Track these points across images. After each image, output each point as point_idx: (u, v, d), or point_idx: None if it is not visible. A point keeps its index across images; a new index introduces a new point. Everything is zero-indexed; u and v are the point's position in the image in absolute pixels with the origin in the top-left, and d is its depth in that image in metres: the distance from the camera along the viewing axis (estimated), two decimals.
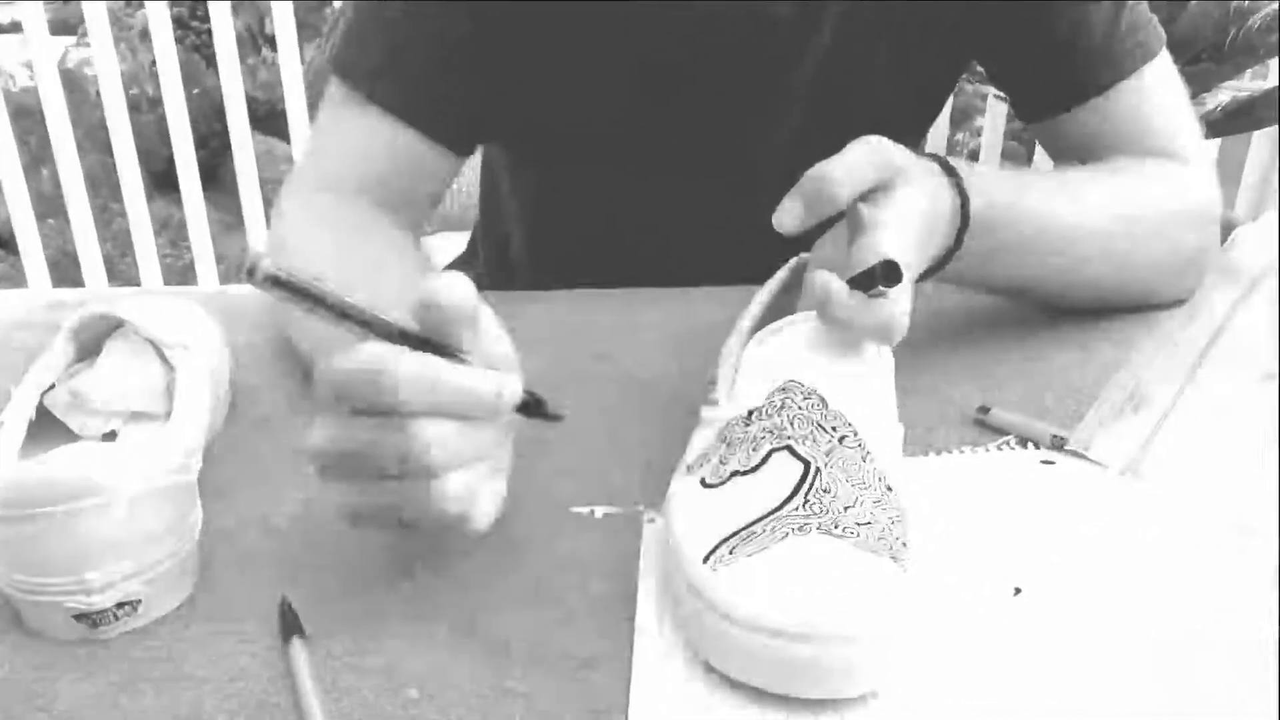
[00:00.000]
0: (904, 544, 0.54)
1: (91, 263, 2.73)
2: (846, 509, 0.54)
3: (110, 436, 0.65)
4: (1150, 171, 0.92)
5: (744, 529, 0.54)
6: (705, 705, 0.50)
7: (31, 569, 0.53)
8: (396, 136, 0.91)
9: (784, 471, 0.57)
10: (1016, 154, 3.21)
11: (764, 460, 0.57)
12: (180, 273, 3.59)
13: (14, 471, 0.53)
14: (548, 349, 0.82)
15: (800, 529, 0.53)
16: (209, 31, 2.58)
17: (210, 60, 2.77)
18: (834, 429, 0.59)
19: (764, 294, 0.73)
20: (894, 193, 0.66)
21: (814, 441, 0.58)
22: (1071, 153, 0.96)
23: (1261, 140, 2.68)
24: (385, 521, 0.55)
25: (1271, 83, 2.43)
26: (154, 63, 2.58)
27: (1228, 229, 0.82)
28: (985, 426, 0.74)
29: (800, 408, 0.59)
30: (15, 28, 2.89)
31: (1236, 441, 0.69)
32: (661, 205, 0.78)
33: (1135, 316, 0.89)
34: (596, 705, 0.51)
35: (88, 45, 2.79)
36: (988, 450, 0.71)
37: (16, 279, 2.74)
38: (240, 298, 0.96)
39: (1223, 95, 2.32)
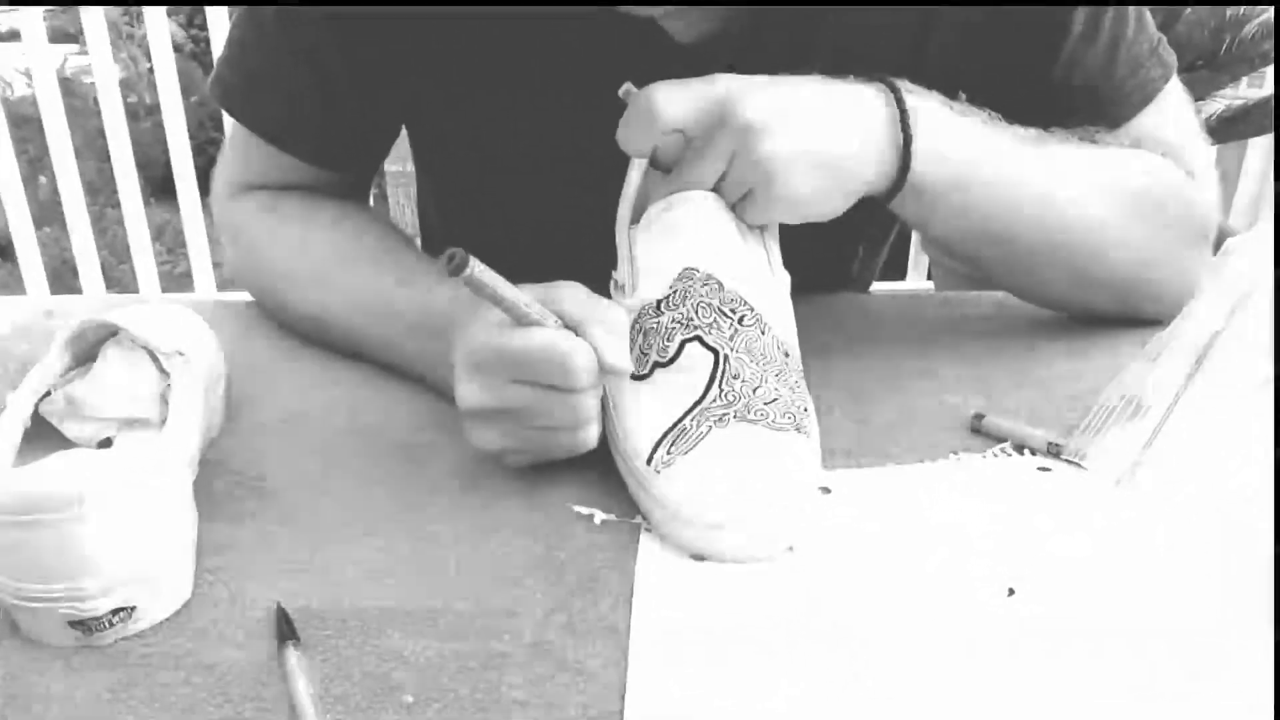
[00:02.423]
0: (805, 409, 0.68)
1: (89, 270, 2.73)
2: (755, 390, 0.66)
3: (106, 444, 0.65)
4: (1145, 156, 0.86)
5: (674, 426, 0.65)
6: (700, 711, 0.50)
7: (27, 576, 0.53)
8: (282, 159, 0.92)
9: (698, 362, 0.67)
10: None
11: (679, 351, 0.67)
12: (178, 280, 3.59)
13: (10, 478, 0.53)
14: None
15: (720, 420, 0.64)
16: (207, 40, 2.58)
17: (208, 69, 2.77)
18: (733, 311, 0.68)
19: (633, 178, 0.72)
20: None
21: (718, 329, 0.67)
22: None
23: (1256, 148, 2.69)
24: (529, 454, 0.69)
25: (1266, 90, 2.43)
26: (152, 70, 2.57)
27: (1222, 238, 0.82)
28: (981, 433, 0.74)
29: (701, 295, 0.68)
30: (14, 36, 2.89)
31: (1232, 449, 0.69)
32: (572, 228, 0.77)
33: (1131, 325, 0.89)
34: (592, 711, 0.51)
35: (86, 53, 2.78)
36: (983, 456, 0.72)
37: (14, 286, 2.74)
38: (237, 305, 0.96)
39: (1218, 103, 2.32)
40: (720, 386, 0.66)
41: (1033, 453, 0.72)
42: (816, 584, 0.59)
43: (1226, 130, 2.30)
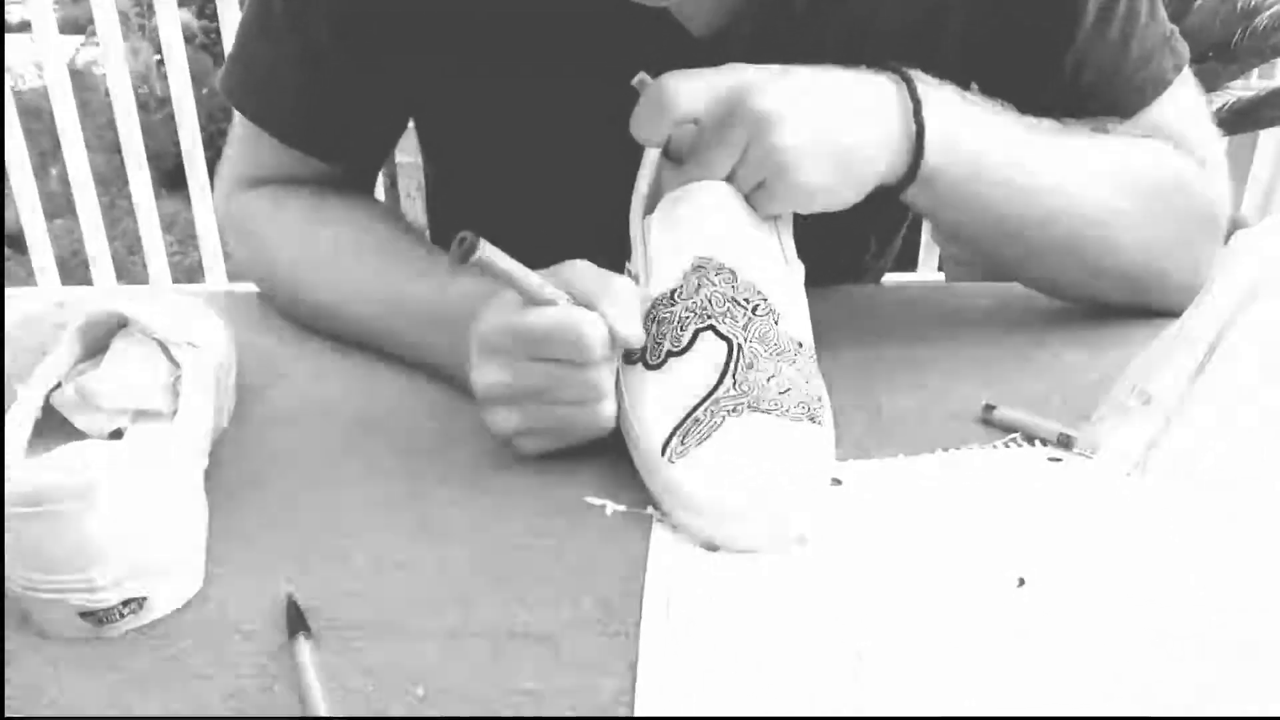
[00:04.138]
0: (819, 399, 0.68)
1: (100, 261, 2.73)
2: (770, 379, 0.66)
3: (117, 435, 0.65)
4: (1157, 147, 0.86)
5: (689, 416, 0.65)
6: (711, 701, 0.50)
7: (38, 566, 0.53)
8: (288, 153, 0.92)
9: (711, 351, 0.67)
10: None
11: (692, 340, 0.67)
12: (188, 271, 3.60)
13: (21, 469, 0.53)
14: None
15: (734, 410, 0.65)
16: (217, 30, 2.58)
17: (218, 59, 2.78)
18: (746, 300, 0.68)
19: (647, 169, 0.74)
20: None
21: (732, 318, 0.67)
22: None
23: (1268, 140, 2.68)
24: (547, 437, 0.69)
25: (1277, 82, 2.42)
26: (162, 62, 2.58)
27: (1233, 229, 0.82)
28: (991, 424, 0.74)
29: (715, 285, 0.68)
30: (25, 27, 2.89)
31: (1243, 440, 0.68)
32: (585, 219, 0.77)
33: (1142, 316, 0.88)
34: (602, 701, 0.51)
35: (96, 44, 2.79)
36: (994, 447, 0.71)
37: (25, 278, 2.75)
38: (247, 296, 0.96)
39: (1229, 95, 2.31)
40: (734, 376, 0.66)
41: (1044, 444, 0.72)
42: (828, 575, 0.59)
43: (1237, 122, 2.29)
